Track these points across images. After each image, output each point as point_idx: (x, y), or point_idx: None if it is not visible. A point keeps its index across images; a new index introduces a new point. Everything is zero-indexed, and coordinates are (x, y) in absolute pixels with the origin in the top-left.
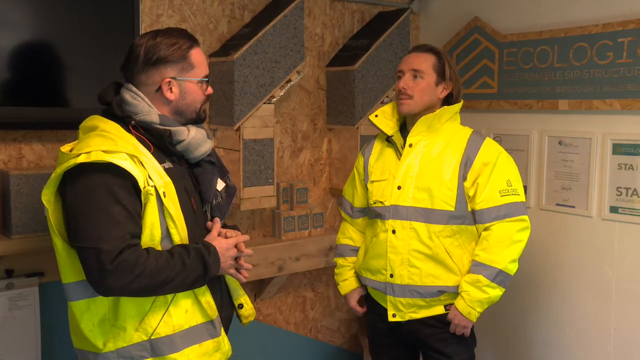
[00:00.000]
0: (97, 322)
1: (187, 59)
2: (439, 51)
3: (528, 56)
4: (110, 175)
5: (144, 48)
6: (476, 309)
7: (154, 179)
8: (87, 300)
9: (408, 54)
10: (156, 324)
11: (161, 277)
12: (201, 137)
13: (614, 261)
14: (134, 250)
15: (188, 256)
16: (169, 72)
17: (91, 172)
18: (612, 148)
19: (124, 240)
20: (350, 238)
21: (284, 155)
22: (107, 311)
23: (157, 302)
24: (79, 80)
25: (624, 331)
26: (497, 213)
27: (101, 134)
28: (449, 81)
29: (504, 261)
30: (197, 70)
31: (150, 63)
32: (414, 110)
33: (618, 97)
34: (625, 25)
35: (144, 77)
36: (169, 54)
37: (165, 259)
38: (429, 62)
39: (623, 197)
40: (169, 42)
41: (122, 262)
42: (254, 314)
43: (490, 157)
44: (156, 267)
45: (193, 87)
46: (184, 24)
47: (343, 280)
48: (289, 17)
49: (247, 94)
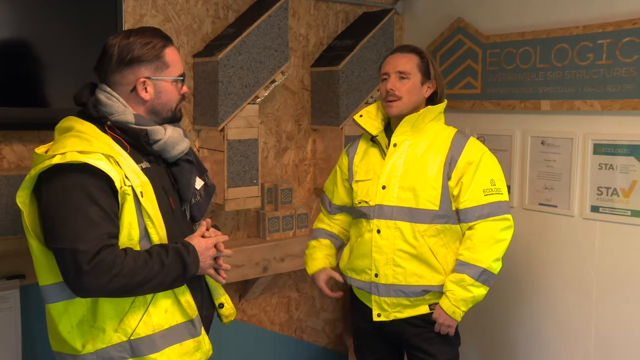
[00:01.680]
0: (76, 323)
1: (161, 58)
2: (421, 51)
3: (511, 57)
4: (86, 176)
5: (117, 48)
6: (461, 308)
7: (130, 178)
8: (65, 302)
9: (390, 56)
10: (136, 324)
11: (139, 277)
12: (178, 136)
13: (595, 260)
14: (111, 251)
15: (167, 256)
16: (144, 71)
17: (66, 172)
18: (593, 148)
19: (101, 240)
20: (328, 224)
21: (268, 155)
22: (85, 312)
23: (136, 302)
24: (61, 81)
25: (604, 329)
26: (481, 212)
27: (76, 135)
28: (433, 80)
29: (488, 260)
30: (172, 69)
31: (124, 63)
32: (403, 111)
33: (598, 98)
34: (604, 27)
35: (118, 77)
36: (143, 53)
37: (143, 259)
38: (413, 63)
39: (604, 197)
40: (143, 42)
41: (100, 262)
42: (235, 314)
43: (474, 157)
44: (134, 267)
45: (168, 86)
46: (168, 24)
47: (312, 260)
48: (273, 17)
49: (231, 95)
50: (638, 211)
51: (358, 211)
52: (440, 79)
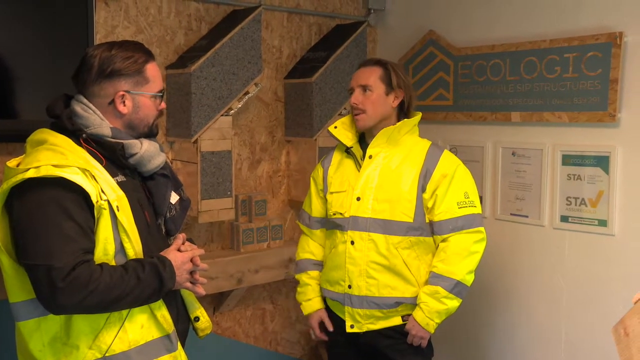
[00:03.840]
0: (48, 341)
1: (142, 73)
2: (385, 62)
3: (482, 69)
4: (61, 190)
5: (98, 59)
6: (434, 320)
7: (106, 192)
8: (37, 320)
9: (356, 71)
10: (111, 341)
11: (115, 293)
12: (154, 150)
13: (565, 269)
14: (87, 267)
15: (143, 270)
16: (123, 85)
17: (41, 187)
18: (561, 159)
19: (77, 256)
20: (311, 252)
21: (242, 167)
22: (58, 329)
23: (111, 317)
24: (31, 92)
25: (573, 336)
26: (454, 224)
27: (50, 148)
28: (398, 89)
29: (462, 272)
30: (152, 84)
31: (104, 75)
32: (369, 124)
33: (566, 110)
34: (570, 41)
35: (97, 89)
36: (124, 67)
37: (119, 275)
38: (375, 75)
39: (572, 207)
40: (125, 55)
41: (75, 279)
42: (211, 327)
43: (448, 169)
44: (110, 283)
45: (147, 101)
46: (140, 36)
47: (307, 300)
48: (246, 29)
49: (204, 106)
50: (604, 220)
51: (332, 222)
52: (408, 87)
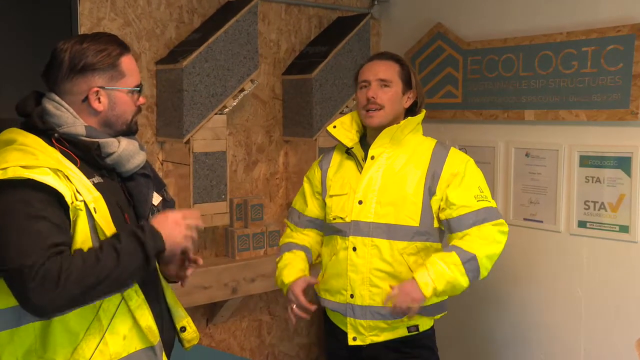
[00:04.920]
0: (22, 355)
1: (117, 67)
2: (401, 58)
3: (493, 64)
4: (30, 191)
5: (69, 53)
6: (434, 283)
7: (82, 193)
8: (10, 331)
9: (369, 63)
10: (90, 354)
11: (94, 274)
12: (133, 149)
13: (583, 278)
14: (57, 259)
15: (119, 242)
16: (97, 80)
17: (9, 189)
18: (579, 160)
19: (49, 251)
20: (297, 238)
21: (237, 169)
22: (33, 341)
23: (91, 328)
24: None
25: (593, 350)
26: (475, 218)
27: (19, 148)
28: (414, 90)
29: (482, 252)
30: (128, 79)
31: (76, 70)
32: (384, 122)
33: (584, 108)
34: (588, 34)
35: (69, 86)
36: (97, 61)
37: (94, 255)
38: (394, 70)
39: (591, 211)
40: (97, 48)
41: (45, 274)
42: (198, 337)
43: (458, 167)
44: (83, 267)
45: (123, 97)
46: (128, 29)
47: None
48: (242, 22)
49: (197, 104)
50: (626, 226)
51: (332, 228)
52: (420, 88)
